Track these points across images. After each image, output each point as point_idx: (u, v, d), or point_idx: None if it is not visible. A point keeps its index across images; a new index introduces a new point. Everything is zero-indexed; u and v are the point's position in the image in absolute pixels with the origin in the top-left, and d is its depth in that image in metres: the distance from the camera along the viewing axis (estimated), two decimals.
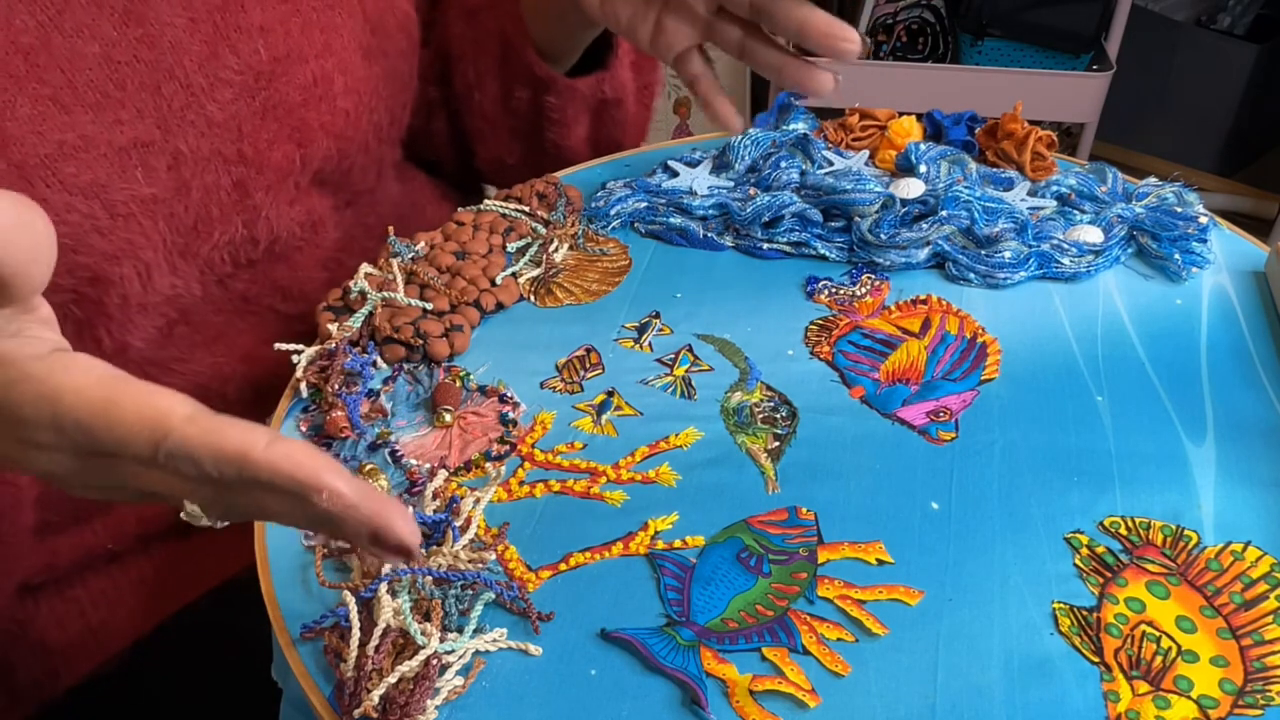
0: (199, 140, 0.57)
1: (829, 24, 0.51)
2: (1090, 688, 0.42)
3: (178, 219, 0.57)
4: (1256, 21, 2.03)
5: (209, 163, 0.58)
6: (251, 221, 0.60)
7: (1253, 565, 0.46)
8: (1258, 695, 0.42)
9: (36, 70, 0.50)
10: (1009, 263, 0.62)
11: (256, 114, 0.59)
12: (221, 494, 0.35)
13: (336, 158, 0.63)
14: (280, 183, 0.61)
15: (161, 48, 0.54)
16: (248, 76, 0.58)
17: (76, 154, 0.52)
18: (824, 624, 0.44)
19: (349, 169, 0.65)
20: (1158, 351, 0.58)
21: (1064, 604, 0.45)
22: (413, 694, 0.40)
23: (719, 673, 0.42)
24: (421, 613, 0.43)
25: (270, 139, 0.59)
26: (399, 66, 0.66)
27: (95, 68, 0.52)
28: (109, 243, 0.54)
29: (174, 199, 0.56)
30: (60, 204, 0.51)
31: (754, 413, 0.54)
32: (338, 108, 0.62)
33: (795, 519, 0.48)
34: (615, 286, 0.63)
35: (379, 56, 0.64)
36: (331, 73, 0.61)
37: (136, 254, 0.56)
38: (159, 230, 0.56)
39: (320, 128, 0.61)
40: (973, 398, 0.55)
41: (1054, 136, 0.69)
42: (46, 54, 0.51)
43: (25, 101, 0.50)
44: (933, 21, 1.84)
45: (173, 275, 0.58)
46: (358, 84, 0.63)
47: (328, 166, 0.63)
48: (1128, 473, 0.51)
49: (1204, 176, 2.06)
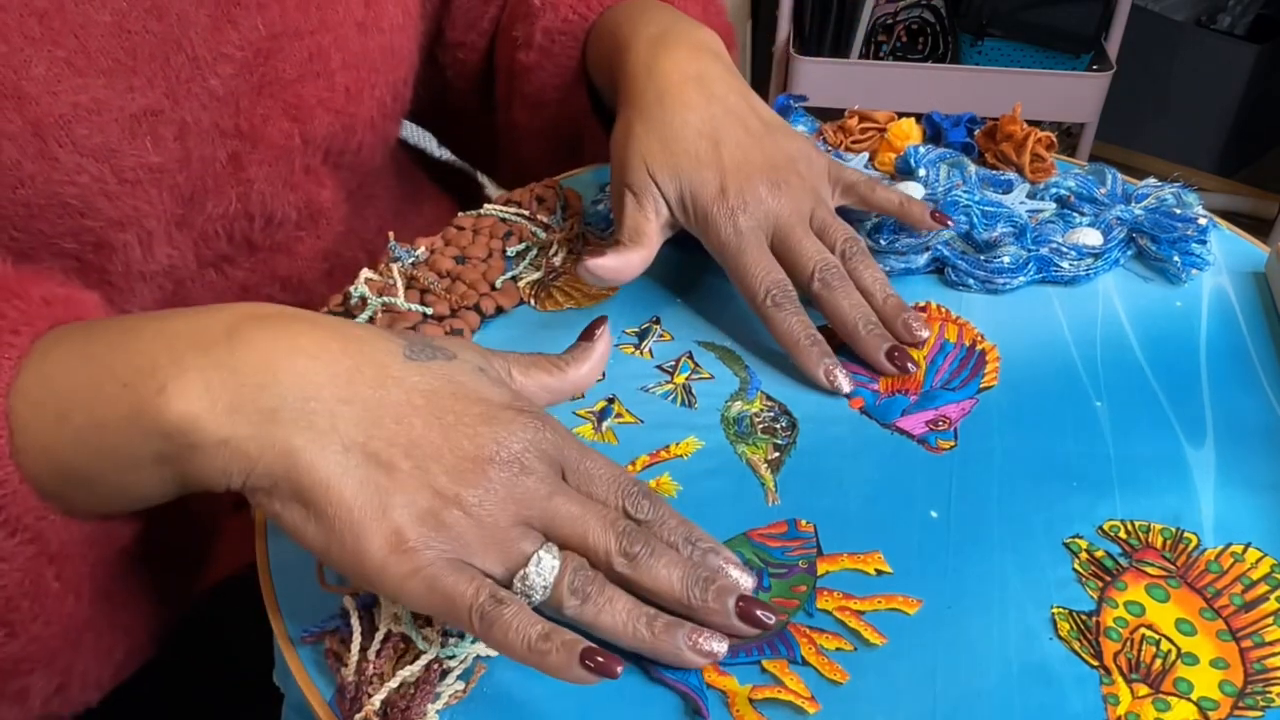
0: (201, 113, 0.57)
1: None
2: (1090, 691, 0.42)
3: (178, 189, 0.58)
4: (1256, 21, 2.03)
5: (208, 135, 0.58)
6: (245, 195, 0.61)
7: (1253, 567, 0.46)
8: (1258, 697, 0.42)
9: (51, 33, 0.51)
10: (1008, 268, 0.62)
11: (254, 89, 0.59)
12: None
13: (343, 135, 0.64)
14: (278, 160, 0.61)
15: (169, 19, 0.55)
16: (248, 52, 0.58)
17: (89, 116, 0.52)
18: (823, 635, 0.44)
19: (358, 147, 0.66)
20: (1157, 354, 0.58)
21: (1063, 609, 0.45)
22: (414, 699, 0.40)
23: (719, 685, 0.42)
24: (422, 617, 0.43)
25: (265, 114, 0.60)
26: (397, 41, 0.66)
27: (107, 35, 0.53)
28: (115, 208, 0.55)
29: (177, 169, 0.57)
30: (71, 165, 0.52)
31: (754, 423, 0.54)
32: (336, 83, 0.62)
33: (795, 531, 0.48)
34: (616, 291, 0.63)
35: (375, 32, 0.64)
36: (328, 48, 0.61)
37: (140, 221, 0.56)
38: (162, 199, 0.57)
39: (319, 103, 0.62)
40: (972, 406, 0.55)
41: (1053, 138, 0.69)
42: (60, 18, 0.51)
43: (41, 62, 0.50)
44: (933, 21, 1.84)
45: (169, 246, 0.59)
46: (355, 59, 0.63)
47: (335, 145, 0.64)
48: (1127, 476, 0.51)
49: (1204, 177, 2.07)
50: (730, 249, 0.57)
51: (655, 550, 0.43)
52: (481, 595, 0.39)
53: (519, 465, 0.42)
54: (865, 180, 0.62)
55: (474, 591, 0.39)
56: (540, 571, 0.41)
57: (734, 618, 0.42)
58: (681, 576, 0.42)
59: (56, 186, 0.52)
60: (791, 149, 0.60)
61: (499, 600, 0.39)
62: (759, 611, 0.43)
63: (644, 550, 0.42)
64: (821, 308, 0.58)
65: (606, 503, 0.44)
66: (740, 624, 0.43)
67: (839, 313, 0.57)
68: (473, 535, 0.40)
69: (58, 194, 0.52)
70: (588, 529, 0.42)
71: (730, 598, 0.43)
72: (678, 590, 0.42)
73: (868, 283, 0.58)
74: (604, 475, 0.44)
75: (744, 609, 0.43)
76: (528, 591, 0.41)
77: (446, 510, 0.40)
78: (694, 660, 0.42)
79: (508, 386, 0.45)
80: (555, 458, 0.43)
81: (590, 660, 0.39)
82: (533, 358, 0.47)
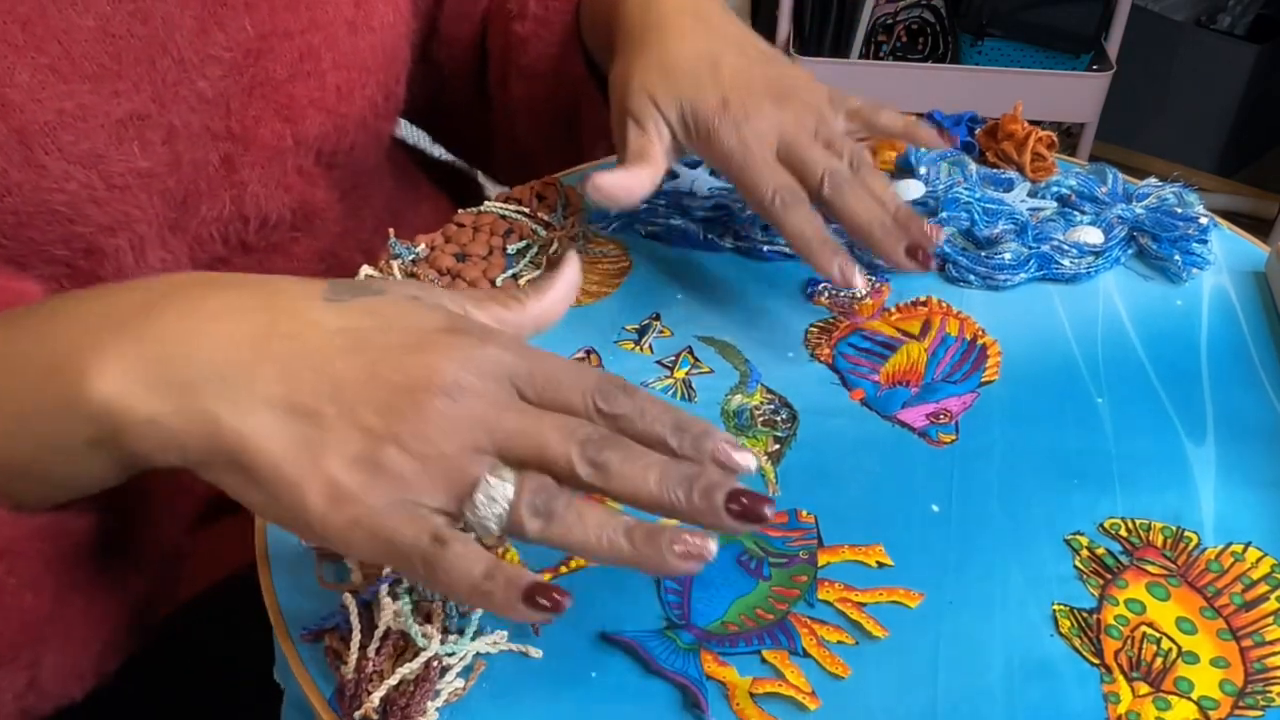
0: (190, 116, 0.57)
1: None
2: (1090, 689, 0.42)
3: (170, 193, 0.57)
4: (1256, 22, 2.03)
5: (199, 138, 0.58)
6: (239, 198, 0.61)
7: (1253, 566, 0.46)
8: (1258, 696, 0.42)
9: (34, 40, 0.51)
10: (1009, 264, 0.62)
11: (244, 90, 0.59)
12: None
13: (335, 135, 0.64)
14: (270, 161, 0.61)
15: (154, 23, 0.55)
16: (237, 53, 0.58)
17: (75, 123, 0.52)
18: (824, 627, 0.44)
19: (350, 147, 0.65)
20: (1158, 352, 0.58)
21: (1064, 606, 0.45)
22: (413, 696, 0.40)
23: (719, 675, 0.42)
24: (422, 614, 0.43)
25: (257, 115, 0.60)
26: (388, 40, 0.66)
27: (92, 40, 0.52)
28: (105, 214, 0.55)
29: (167, 173, 0.57)
30: (59, 172, 0.52)
31: (754, 415, 0.54)
32: (328, 83, 0.62)
33: (795, 522, 0.48)
34: (615, 288, 0.63)
35: (365, 31, 0.64)
36: (319, 48, 0.61)
37: (131, 226, 0.56)
38: (153, 204, 0.57)
39: (310, 103, 0.62)
40: (973, 400, 0.55)
41: (1054, 137, 0.69)
42: (43, 24, 0.51)
43: (24, 69, 0.50)
44: (933, 21, 1.84)
45: (163, 250, 0.59)
46: (345, 59, 0.63)
47: (328, 146, 0.64)
48: (1128, 474, 0.51)
49: (1204, 176, 2.06)
50: (735, 157, 0.56)
51: (628, 454, 0.38)
52: (423, 537, 0.36)
53: (457, 388, 0.38)
54: (869, 103, 0.61)
55: (415, 533, 0.36)
56: (490, 497, 0.37)
57: (726, 517, 0.37)
58: (659, 478, 0.38)
59: (45, 194, 0.52)
60: (793, 72, 0.60)
61: (441, 540, 0.36)
62: (753, 506, 0.38)
63: (612, 455, 0.38)
64: (834, 212, 0.56)
65: (575, 408, 0.39)
66: (734, 523, 0.38)
67: (853, 215, 0.55)
68: (415, 472, 0.37)
69: (46, 201, 0.52)
70: (544, 442, 0.38)
71: (718, 494, 0.38)
72: (656, 494, 0.38)
73: (878, 193, 0.57)
74: (568, 378, 0.40)
75: (737, 507, 0.37)
76: (482, 522, 0.37)
77: (381, 451, 0.37)
78: (681, 566, 0.37)
79: (445, 310, 0.41)
80: (503, 374, 0.39)
81: (535, 598, 0.36)
82: (490, 291, 0.45)
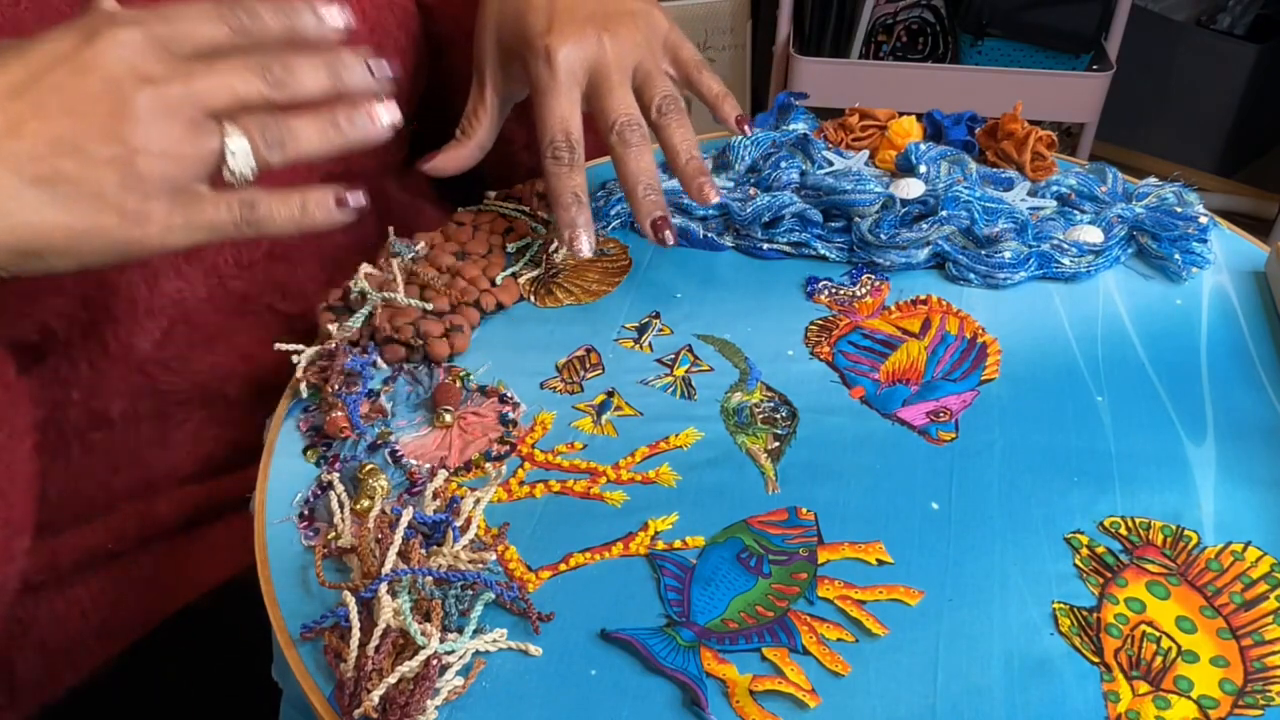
0: None
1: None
2: (1090, 688, 0.42)
3: None
4: (1256, 21, 2.02)
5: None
6: None
7: (1253, 565, 0.46)
8: (1258, 695, 0.42)
9: None
10: (1009, 263, 0.62)
11: None
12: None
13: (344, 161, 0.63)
14: (276, 182, 0.61)
15: None
16: None
17: None
18: (824, 624, 0.44)
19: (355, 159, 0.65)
20: (1158, 351, 0.58)
21: (1064, 604, 0.45)
22: (413, 694, 0.40)
23: (719, 673, 0.42)
24: (421, 613, 0.43)
25: None
26: (396, 62, 0.66)
27: None
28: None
29: None
30: None
31: (754, 413, 0.54)
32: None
33: (795, 519, 0.48)
34: (615, 286, 0.63)
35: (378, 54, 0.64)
36: None
37: (147, 262, 0.56)
38: None
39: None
40: (973, 398, 0.55)
41: (1054, 136, 0.69)
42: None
43: None
44: (933, 21, 1.84)
45: (179, 279, 0.59)
46: None
47: (337, 168, 0.63)
48: (1128, 473, 0.51)
49: (1204, 176, 2.06)
50: (539, 86, 0.57)
51: (287, 63, 0.44)
52: (234, 209, 0.43)
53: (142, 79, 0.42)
54: (696, 60, 0.62)
55: (226, 209, 0.43)
56: (233, 153, 0.43)
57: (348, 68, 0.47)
58: (314, 69, 0.45)
59: None
60: (633, 6, 0.60)
61: (250, 204, 0.43)
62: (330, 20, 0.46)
63: (280, 69, 0.44)
64: (614, 163, 0.58)
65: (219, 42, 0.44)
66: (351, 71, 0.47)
67: (625, 171, 0.58)
68: (172, 167, 0.42)
69: None
70: (233, 89, 0.43)
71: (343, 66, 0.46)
72: (326, 82, 0.45)
73: (676, 142, 0.59)
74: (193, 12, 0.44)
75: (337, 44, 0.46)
76: (244, 178, 0.43)
77: (131, 166, 0.41)
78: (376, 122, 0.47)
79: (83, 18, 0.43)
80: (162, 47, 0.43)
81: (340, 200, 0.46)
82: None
